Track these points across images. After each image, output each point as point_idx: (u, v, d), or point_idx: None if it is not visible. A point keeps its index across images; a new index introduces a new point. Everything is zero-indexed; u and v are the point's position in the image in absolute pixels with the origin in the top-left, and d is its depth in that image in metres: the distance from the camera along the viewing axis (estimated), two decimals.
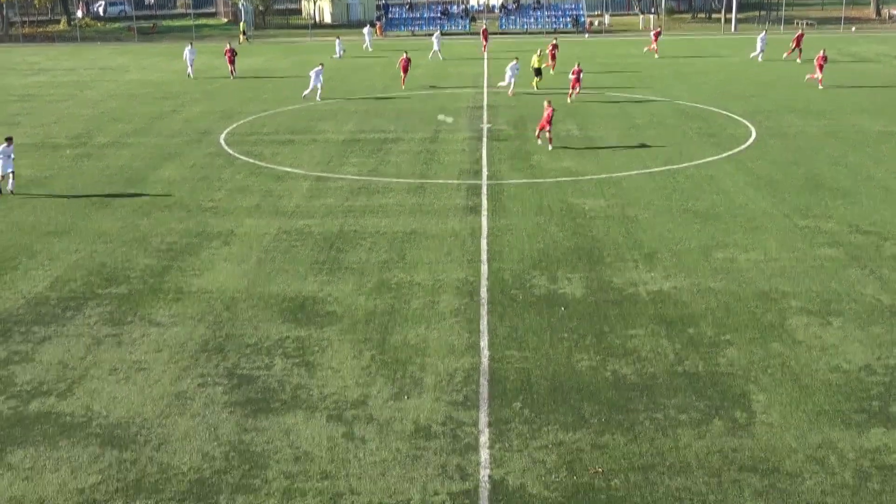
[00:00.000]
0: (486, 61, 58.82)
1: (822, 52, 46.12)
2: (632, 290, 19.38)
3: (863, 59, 53.12)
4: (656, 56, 57.28)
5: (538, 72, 46.22)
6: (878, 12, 77.93)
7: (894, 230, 23.04)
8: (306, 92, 45.45)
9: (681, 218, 24.33)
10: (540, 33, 75.67)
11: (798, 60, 53.81)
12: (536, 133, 33.57)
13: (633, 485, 12.46)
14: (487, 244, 22.43)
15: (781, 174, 28.68)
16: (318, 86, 44.68)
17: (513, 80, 44.99)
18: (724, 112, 39.09)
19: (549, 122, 32.22)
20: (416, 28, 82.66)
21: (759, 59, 55.40)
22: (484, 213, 25.11)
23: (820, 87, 44.79)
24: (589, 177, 28.77)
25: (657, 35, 59.74)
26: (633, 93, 43.62)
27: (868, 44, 60.30)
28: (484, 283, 19.87)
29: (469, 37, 65.11)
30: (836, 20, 70.56)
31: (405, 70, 48.14)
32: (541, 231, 23.41)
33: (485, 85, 49.71)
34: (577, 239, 22.75)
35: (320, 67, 45.28)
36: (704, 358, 16.21)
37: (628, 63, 55.38)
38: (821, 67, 45.18)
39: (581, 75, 42.35)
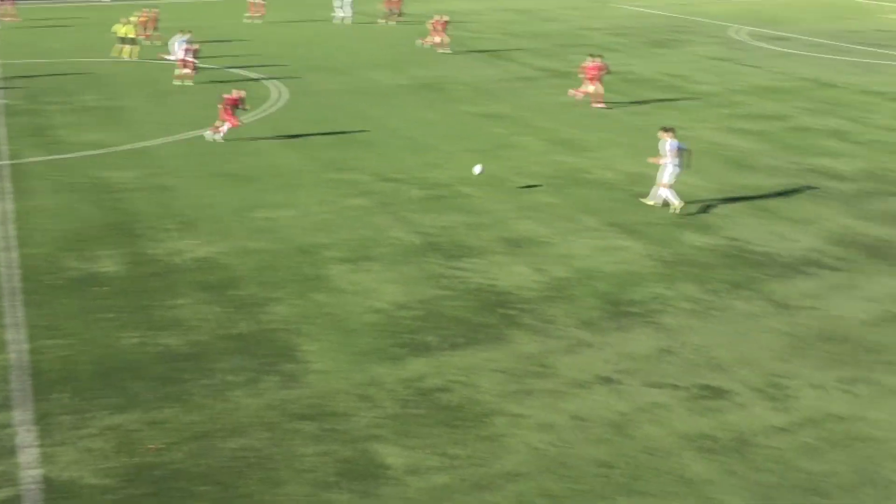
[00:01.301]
0: None
1: (440, 17, 45.82)
2: (173, 259, 19.03)
3: (371, 14, 56.33)
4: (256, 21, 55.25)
5: (128, 40, 42.36)
6: None
7: (415, 176, 24.89)
8: None
9: (216, 182, 24.27)
10: None
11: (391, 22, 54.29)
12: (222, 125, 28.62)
13: (193, 454, 12.34)
14: (12, 230, 20.72)
15: (310, 131, 29.64)
16: None
17: (182, 54, 40.78)
18: (256, 74, 39.41)
19: (234, 107, 28.17)
20: None
21: (348, 21, 54.79)
22: (5, 196, 23.13)
23: (425, 46, 44.80)
24: (117, 148, 27.61)
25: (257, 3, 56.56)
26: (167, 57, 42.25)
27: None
28: (12, 271, 18.37)
29: None
30: None
31: None
32: (71, 210, 22.09)
33: None
34: (111, 214, 21.80)
35: None
36: (252, 318, 16.43)
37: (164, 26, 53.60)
38: (441, 30, 44.51)
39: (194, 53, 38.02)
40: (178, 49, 39.46)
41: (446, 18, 45.69)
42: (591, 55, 33.88)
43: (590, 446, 12.69)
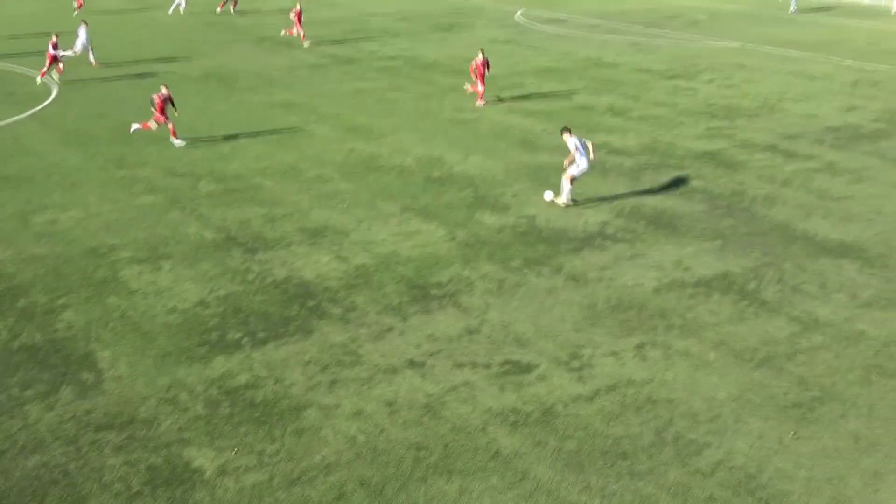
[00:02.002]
0: None
1: (296, 7, 43.20)
2: None
3: (149, 6, 54.42)
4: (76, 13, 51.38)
5: None
6: None
7: (206, 169, 24.22)
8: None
9: None
10: None
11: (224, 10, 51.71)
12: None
13: None
14: None
15: (91, 127, 28.28)
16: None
17: (88, 49, 37.57)
18: (22, 68, 37.15)
19: (163, 110, 26.26)
20: None
21: (181, 11, 51.65)
22: None
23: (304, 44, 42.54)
24: None
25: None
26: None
27: None
28: None
29: None
30: None
31: None
32: None
33: None
34: None
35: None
36: (41, 327, 15.55)
37: None
38: (298, 23, 42.80)
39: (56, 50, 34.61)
40: (77, 43, 37.30)
41: (298, 9, 43.38)
42: (482, 49, 32.03)
43: (402, 430, 12.80)
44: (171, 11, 52.33)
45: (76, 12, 51.55)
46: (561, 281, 17.74)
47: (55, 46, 34.17)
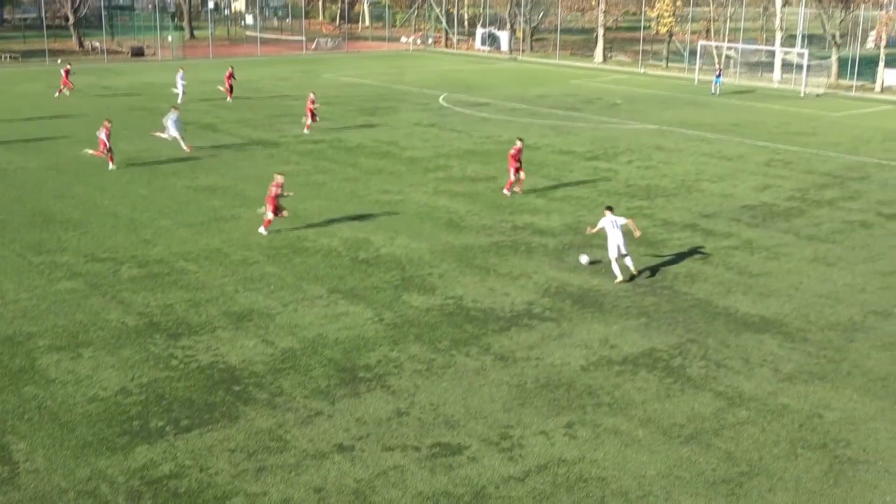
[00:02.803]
0: None
1: (310, 96, 43.18)
2: None
3: (77, 90, 54.03)
4: (67, 93, 50.43)
5: None
6: (81, 44, 79.67)
7: (128, 254, 23.83)
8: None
9: None
10: None
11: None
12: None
13: None
14: None
15: (6, 213, 27.69)
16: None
17: (177, 133, 36.85)
18: None
19: (276, 199, 25.94)
20: None
21: (179, 100, 50.73)
22: None
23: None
24: None
25: (67, 73, 51.51)
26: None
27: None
28: None
29: None
30: (41, 52, 70.35)
31: None
32: None
33: None
34: None
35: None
36: None
37: None
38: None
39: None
40: (171, 126, 37.56)
41: (312, 97, 43.54)
42: (520, 139, 31.53)
43: None
44: (180, 101, 51.26)
45: (59, 93, 51.16)
46: (489, 361, 17.74)
47: (108, 134, 34.31)
